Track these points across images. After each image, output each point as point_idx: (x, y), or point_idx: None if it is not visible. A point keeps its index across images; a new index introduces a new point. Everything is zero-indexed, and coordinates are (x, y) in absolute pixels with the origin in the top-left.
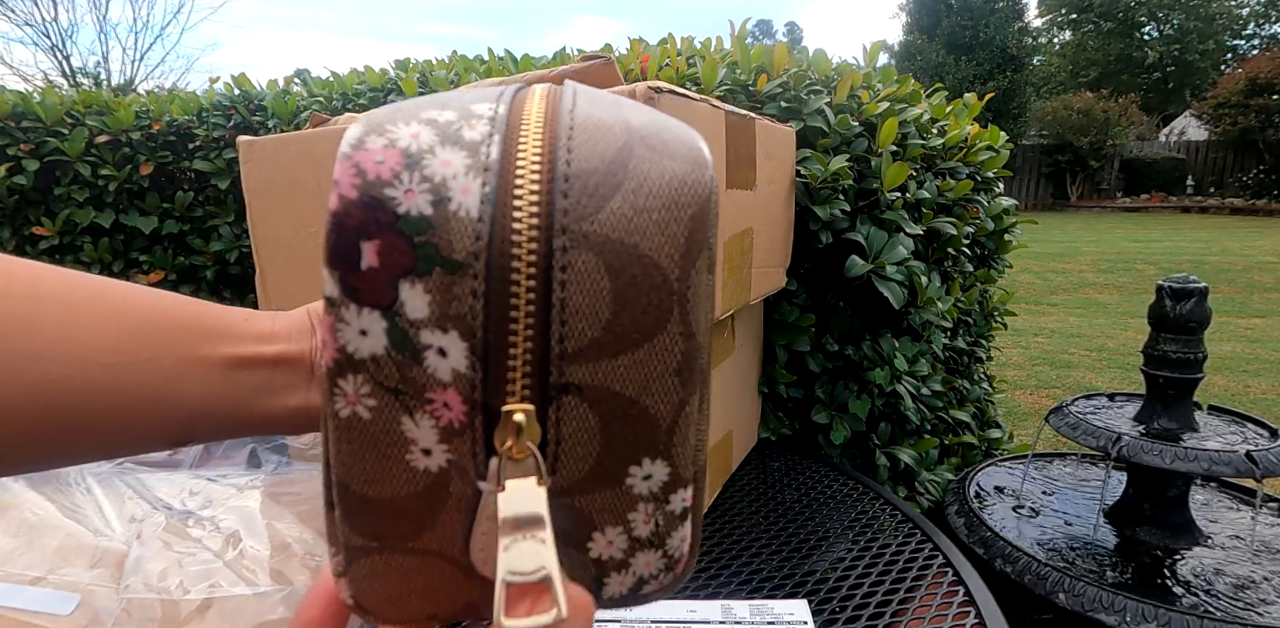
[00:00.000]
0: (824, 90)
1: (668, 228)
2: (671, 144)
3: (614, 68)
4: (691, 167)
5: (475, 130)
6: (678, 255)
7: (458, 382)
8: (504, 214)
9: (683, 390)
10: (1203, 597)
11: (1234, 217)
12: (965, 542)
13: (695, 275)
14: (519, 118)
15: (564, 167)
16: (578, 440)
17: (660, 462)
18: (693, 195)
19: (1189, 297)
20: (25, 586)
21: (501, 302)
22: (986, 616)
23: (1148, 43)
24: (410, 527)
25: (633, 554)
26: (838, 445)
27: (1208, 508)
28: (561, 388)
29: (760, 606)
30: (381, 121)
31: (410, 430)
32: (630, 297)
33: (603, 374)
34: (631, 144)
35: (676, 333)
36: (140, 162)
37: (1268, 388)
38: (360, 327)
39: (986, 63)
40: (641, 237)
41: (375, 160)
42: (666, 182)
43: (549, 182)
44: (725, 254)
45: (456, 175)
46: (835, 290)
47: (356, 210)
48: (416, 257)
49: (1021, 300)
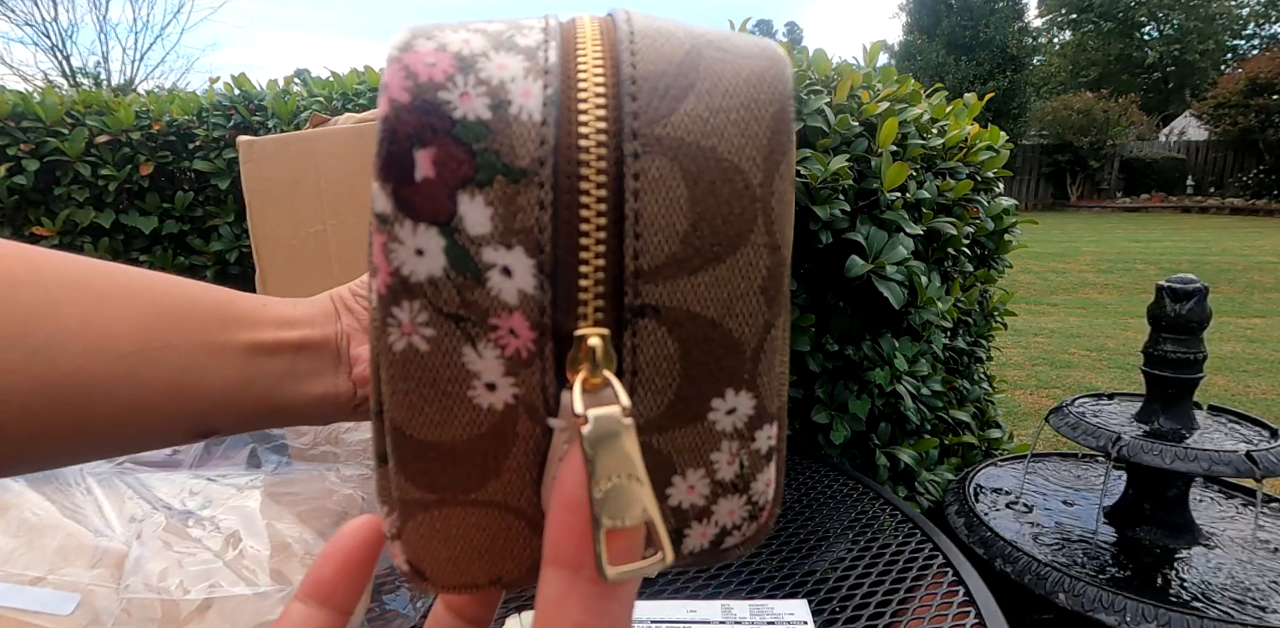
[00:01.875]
0: (824, 90)
1: (748, 128)
2: (742, 45)
3: None
4: (769, 63)
5: (529, 38)
6: (760, 158)
7: (524, 304)
8: (569, 118)
9: (769, 311)
10: (1202, 597)
11: (1234, 217)
12: (965, 542)
13: (780, 181)
14: (573, 28)
15: (629, 69)
16: (656, 370)
17: (745, 393)
18: (772, 92)
19: (1189, 297)
20: (25, 586)
21: (570, 213)
22: (986, 616)
23: (1148, 43)
24: (474, 475)
25: (715, 501)
26: (838, 445)
27: (1208, 508)
28: (638, 310)
29: (760, 606)
30: (428, 28)
31: (473, 362)
32: (710, 205)
33: (682, 294)
34: (699, 47)
35: (761, 245)
36: (140, 161)
37: (1268, 388)
38: (416, 245)
39: (986, 63)
40: (720, 139)
41: (427, 62)
42: (744, 79)
43: (615, 84)
44: None
45: (515, 78)
46: (835, 290)
47: (409, 115)
48: (476, 165)
49: (1021, 300)
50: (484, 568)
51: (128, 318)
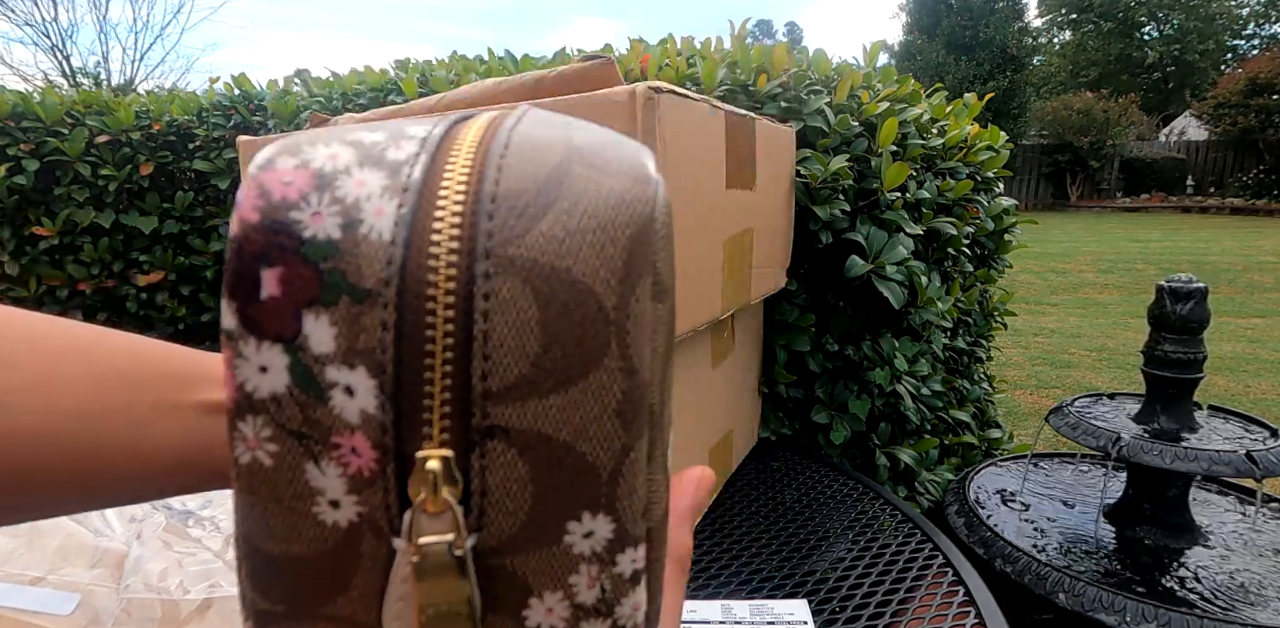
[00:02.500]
0: (824, 90)
1: (604, 249)
2: (613, 161)
3: (614, 68)
4: (631, 183)
5: (402, 151)
6: (614, 280)
7: (366, 424)
8: (420, 237)
9: (625, 435)
10: (1202, 597)
11: (1234, 217)
12: (965, 542)
13: (636, 304)
14: (453, 139)
15: (491, 187)
16: (506, 492)
17: (604, 517)
18: (632, 214)
19: (1189, 297)
20: (25, 586)
21: (416, 334)
22: (986, 616)
23: (1148, 43)
24: (322, 591)
25: (576, 625)
26: (838, 445)
27: (1208, 508)
28: (486, 431)
29: (760, 606)
30: (299, 142)
31: (316, 479)
32: (562, 327)
33: (532, 416)
34: (569, 162)
35: (615, 369)
36: (140, 161)
37: (1268, 388)
38: (260, 363)
39: (986, 63)
40: (574, 260)
41: (282, 181)
42: (603, 199)
43: (474, 202)
44: (725, 254)
45: (371, 196)
46: (835, 290)
47: (257, 235)
48: (322, 285)
49: (1021, 300)
50: None
51: (86, 376)
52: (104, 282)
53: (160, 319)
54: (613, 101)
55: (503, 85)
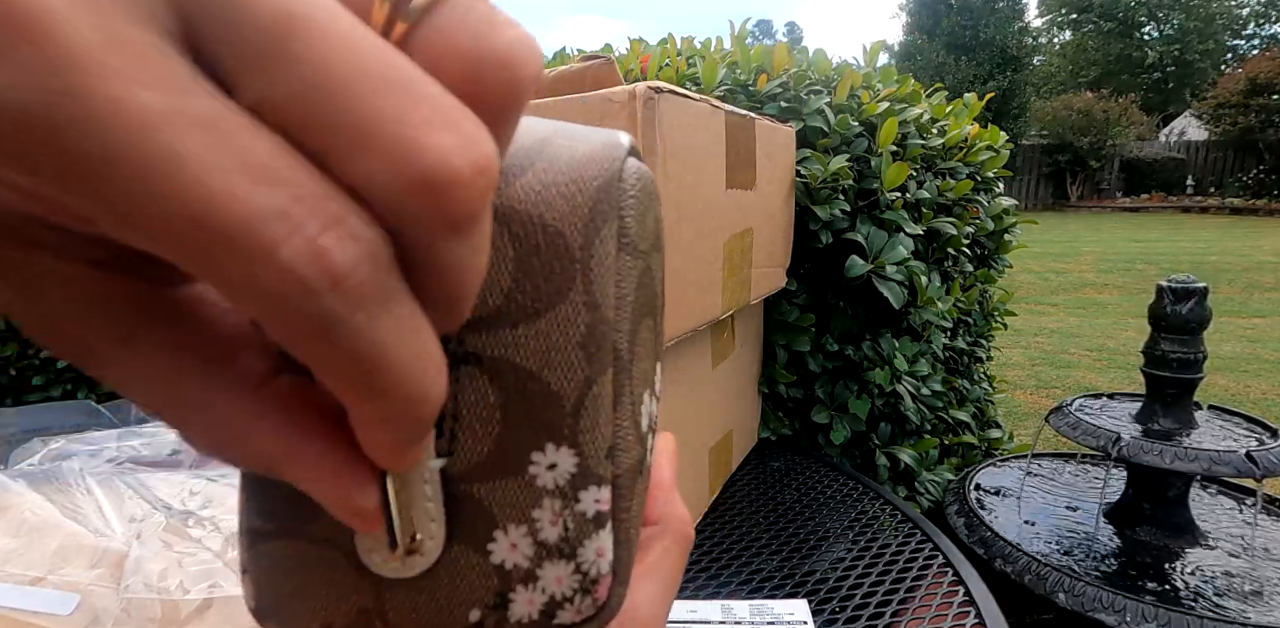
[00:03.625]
0: (824, 90)
1: (573, 198)
2: (589, 134)
3: (614, 68)
4: (601, 147)
5: None
6: (580, 223)
7: None
8: None
9: (588, 367)
10: (1202, 597)
11: (1234, 217)
12: (965, 542)
13: (600, 244)
14: None
15: None
16: (476, 416)
17: (565, 449)
18: (599, 168)
19: (1189, 297)
20: (25, 586)
21: None
22: (986, 616)
23: (1148, 43)
24: (304, 510)
25: (540, 564)
26: (838, 445)
27: (1208, 508)
28: (461, 357)
29: (760, 606)
30: None
31: None
32: (532, 264)
33: (503, 344)
34: (552, 136)
35: (580, 303)
36: None
37: (1268, 388)
38: None
39: (986, 63)
40: (547, 207)
41: None
42: (577, 158)
43: None
44: (725, 254)
45: None
46: (835, 290)
47: None
48: None
49: (1021, 300)
50: (313, 611)
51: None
52: None
53: None
54: (613, 101)
55: None
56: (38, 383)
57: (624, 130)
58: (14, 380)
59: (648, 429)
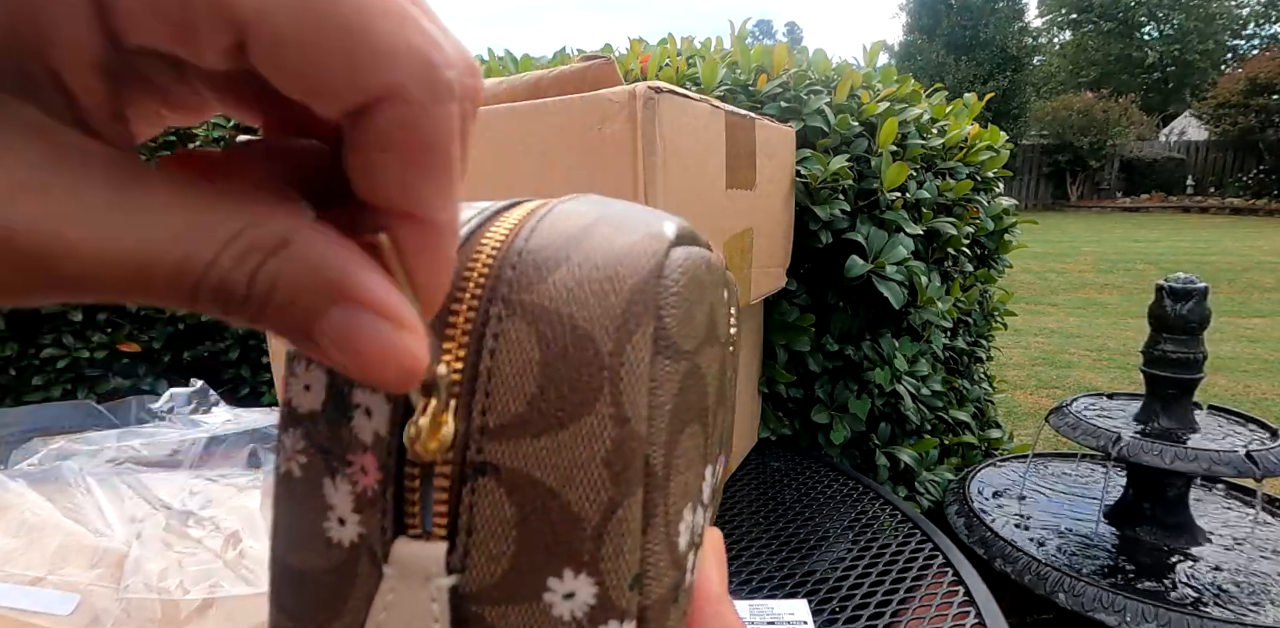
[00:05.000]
0: (824, 90)
1: (605, 298)
2: (635, 222)
3: (614, 68)
4: (643, 237)
5: (463, 214)
6: (612, 327)
7: (376, 445)
8: (454, 281)
9: (612, 487)
10: (1202, 597)
11: (1234, 217)
12: (965, 542)
13: (632, 351)
14: (510, 209)
15: (522, 243)
16: (491, 533)
17: (585, 577)
18: (636, 264)
19: (1189, 297)
20: (25, 586)
21: (430, 366)
22: (986, 616)
23: (1148, 43)
24: (322, 611)
25: None
26: (838, 445)
27: (1208, 508)
28: (479, 467)
29: (760, 606)
30: None
31: (331, 494)
32: (560, 370)
33: (523, 456)
34: (595, 224)
35: (606, 415)
36: None
37: (1268, 388)
38: (306, 382)
39: (986, 63)
40: (578, 306)
41: None
42: (615, 252)
43: (504, 254)
44: (725, 254)
45: None
46: (835, 290)
47: None
48: None
49: (1021, 300)
50: None
51: None
52: None
53: (160, 319)
54: (612, 101)
55: (503, 85)
56: (38, 383)
57: (624, 131)
58: (14, 380)
59: (688, 547)
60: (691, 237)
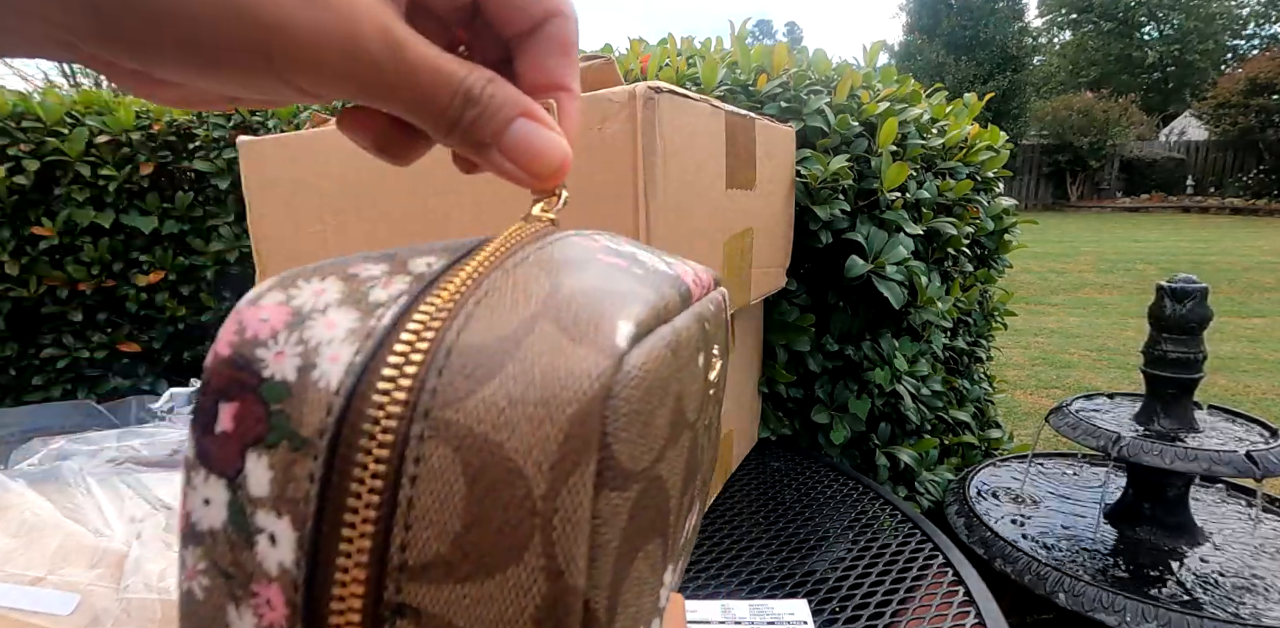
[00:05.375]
0: (824, 90)
1: (540, 427)
2: (585, 321)
3: (614, 67)
4: (591, 352)
5: (390, 288)
6: (547, 465)
7: (282, 578)
8: (367, 388)
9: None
10: (1202, 597)
11: (1234, 217)
12: (965, 542)
13: (569, 495)
14: (451, 275)
15: (453, 337)
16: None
17: None
18: (577, 389)
19: (1189, 297)
20: (25, 586)
21: (340, 490)
22: (986, 616)
23: (1148, 43)
24: None
25: None
26: (838, 445)
27: (1208, 508)
28: (397, 609)
29: (760, 606)
30: (298, 275)
31: (234, 622)
32: (487, 509)
33: (445, 601)
34: (539, 318)
35: (537, 567)
36: (140, 161)
37: (1268, 388)
38: (205, 495)
39: (986, 63)
40: (509, 434)
41: (260, 318)
42: (555, 368)
43: (431, 354)
44: (725, 254)
45: (333, 340)
46: (835, 290)
47: (224, 369)
48: (269, 426)
49: (1021, 300)
50: None
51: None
52: (104, 282)
53: (160, 319)
54: (612, 101)
55: None
56: (38, 383)
57: (624, 131)
58: (14, 380)
59: None
60: (658, 316)
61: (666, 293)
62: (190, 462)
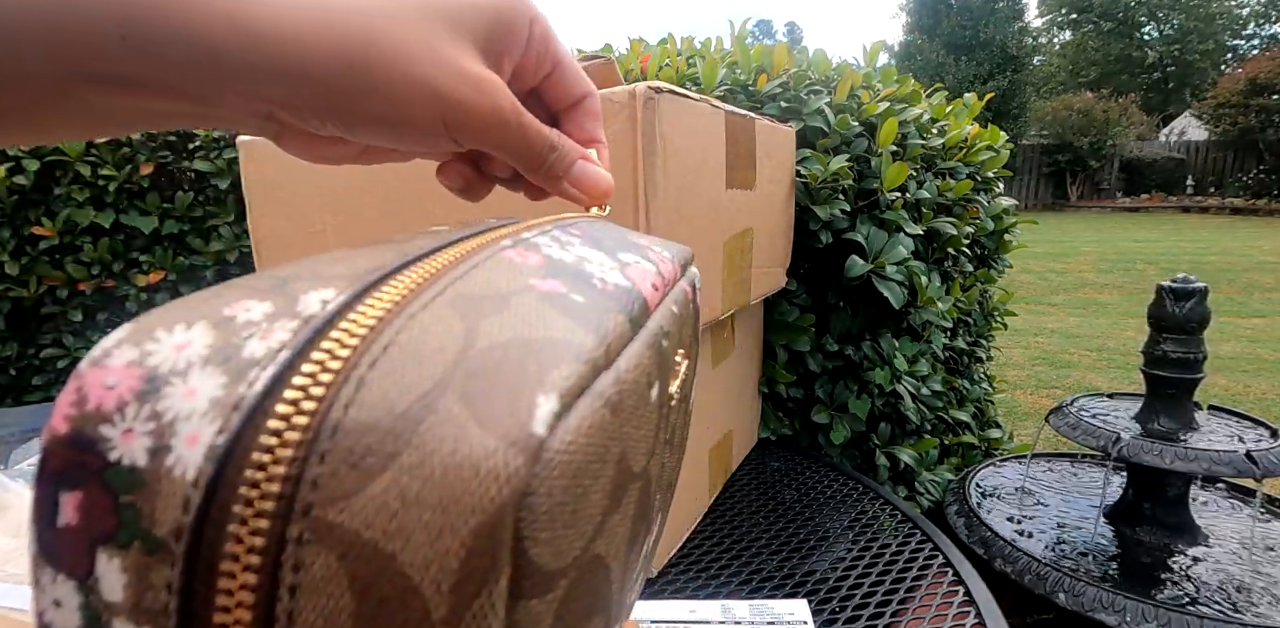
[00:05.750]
0: (824, 90)
1: (439, 538)
2: (498, 396)
3: (614, 67)
4: (502, 443)
5: (270, 339)
6: (446, 584)
7: None
8: (234, 477)
9: None
10: (1202, 597)
11: (1234, 217)
12: (965, 542)
13: (476, 619)
14: (349, 316)
15: (339, 413)
16: None
17: None
18: (483, 495)
19: (1189, 297)
20: (25, 586)
21: (205, 602)
22: (986, 616)
23: (1148, 43)
24: None
25: None
26: (838, 445)
27: (1208, 508)
28: None
29: (760, 606)
30: (156, 323)
31: None
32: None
33: None
34: (444, 386)
35: None
36: (140, 161)
37: (1268, 388)
38: (55, 596)
39: (986, 63)
40: (403, 543)
41: (106, 384)
42: (456, 463)
43: (313, 434)
44: (725, 254)
45: (192, 415)
46: (835, 290)
47: (62, 450)
48: (119, 521)
49: (1021, 300)
50: None
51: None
52: (104, 282)
53: None
54: (613, 101)
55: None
56: (38, 383)
57: (624, 131)
58: (14, 380)
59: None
60: (594, 369)
61: (610, 326)
62: (35, 558)
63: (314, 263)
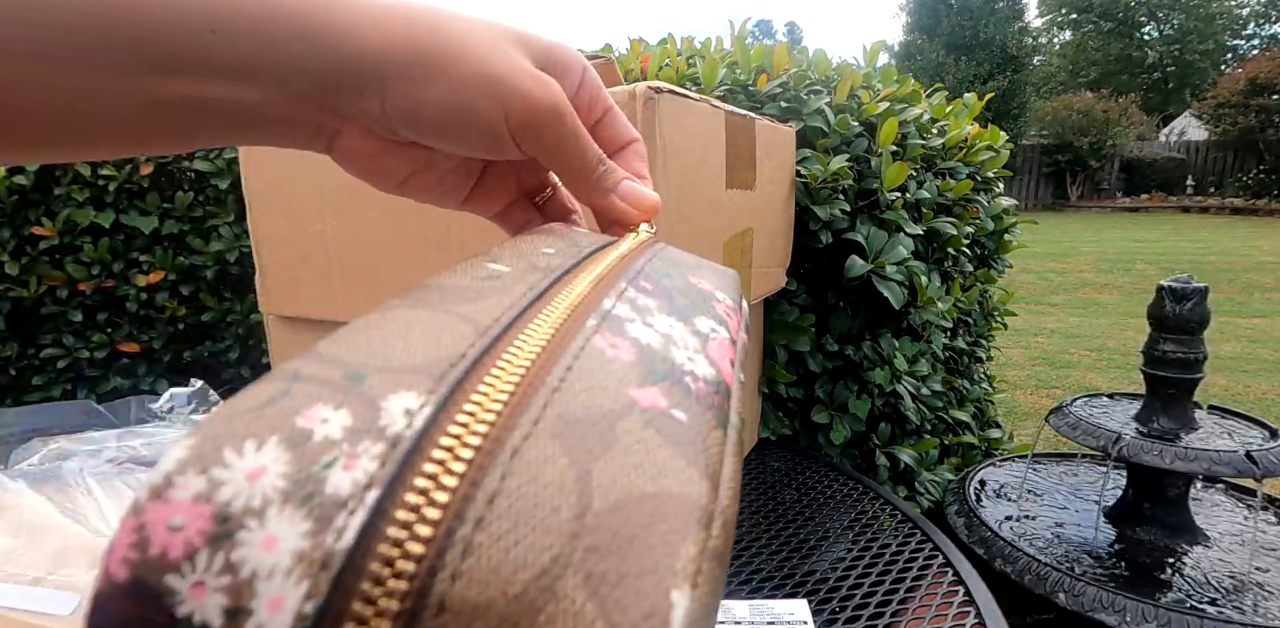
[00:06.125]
0: (824, 90)
1: None
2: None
3: (614, 67)
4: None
5: (355, 470)
6: None
7: None
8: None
9: None
10: (1202, 597)
11: (1234, 217)
12: (965, 542)
13: None
14: (439, 440)
15: (444, 584)
16: None
17: None
18: None
19: (1189, 297)
20: (25, 586)
21: None
22: (986, 616)
23: (1148, 43)
24: None
25: None
26: (838, 445)
27: (1208, 508)
28: None
29: (760, 606)
30: (219, 441)
31: None
32: None
33: None
34: (567, 563)
35: None
36: (140, 161)
37: (1268, 388)
38: None
39: (986, 63)
40: None
41: (171, 524)
42: None
43: (412, 604)
44: (725, 254)
45: (274, 572)
46: (835, 290)
47: (121, 599)
48: None
49: (1021, 300)
50: None
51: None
52: (104, 282)
53: (160, 319)
54: None
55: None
56: (38, 383)
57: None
58: (14, 380)
59: None
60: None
61: (713, 451)
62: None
63: (381, 337)
